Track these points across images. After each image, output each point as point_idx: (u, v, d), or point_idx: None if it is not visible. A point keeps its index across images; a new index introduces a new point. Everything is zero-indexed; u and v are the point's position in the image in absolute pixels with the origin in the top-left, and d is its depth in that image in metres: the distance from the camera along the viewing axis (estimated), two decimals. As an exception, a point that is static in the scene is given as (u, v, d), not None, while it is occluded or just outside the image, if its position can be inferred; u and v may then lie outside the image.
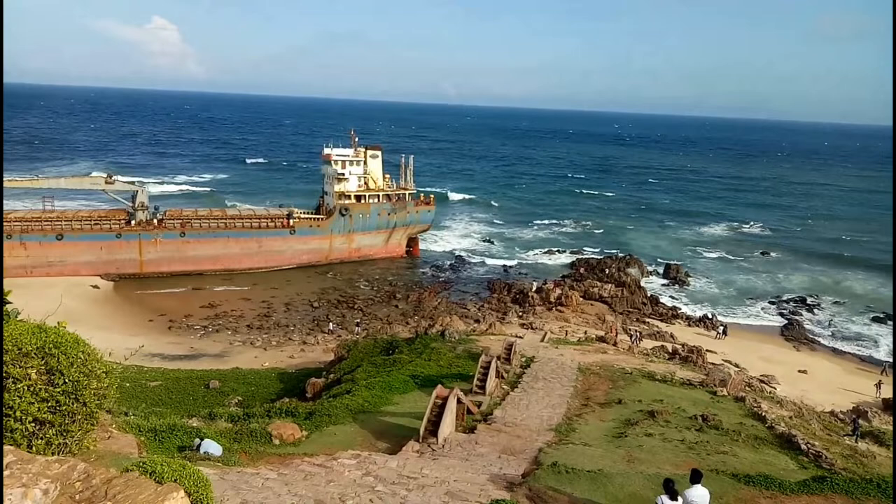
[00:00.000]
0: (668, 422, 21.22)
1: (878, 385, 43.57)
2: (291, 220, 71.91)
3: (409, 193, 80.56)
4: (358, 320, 56.17)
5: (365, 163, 78.06)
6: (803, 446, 19.41)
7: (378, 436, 19.24)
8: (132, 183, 71.27)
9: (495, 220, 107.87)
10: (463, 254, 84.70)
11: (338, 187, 75.25)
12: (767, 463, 17.94)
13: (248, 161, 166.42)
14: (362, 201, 76.56)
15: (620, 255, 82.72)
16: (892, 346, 54.50)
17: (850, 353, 55.62)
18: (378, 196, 77.86)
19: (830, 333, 60.18)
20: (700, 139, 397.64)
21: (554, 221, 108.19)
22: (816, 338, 58.60)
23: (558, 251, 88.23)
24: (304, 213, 75.10)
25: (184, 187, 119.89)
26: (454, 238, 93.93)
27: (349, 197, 75.80)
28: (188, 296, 62.30)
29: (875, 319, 63.90)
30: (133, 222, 65.60)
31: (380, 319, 57.60)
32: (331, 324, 55.55)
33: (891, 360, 52.07)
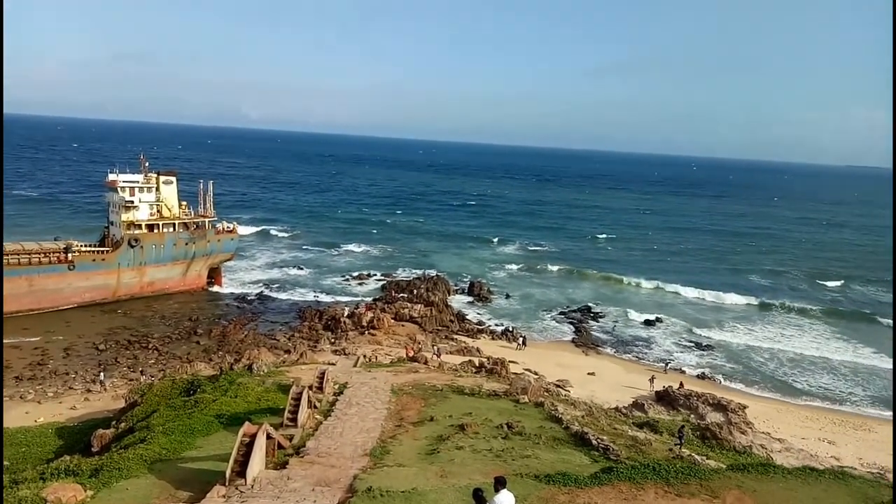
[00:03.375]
0: (476, 433, 22.22)
1: (651, 380, 49.73)
2: (70, 255, 64.04)
3: (210, 221, 76.02)
4: (142, 369, 50.10)
5: (157, 189, 72.29)
6: (594, 441, 21.47)
7: (179, 485, 17.65)
8: None
9: (305, 247, 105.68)
10: (271, 283, 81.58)
11: (126, 216, 68.71)
12: (565, 461, 19.53)
13: (13, 192, 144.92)
14: (155, 231, 70.61)
15: (429, 275, 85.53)
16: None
17: (627, 354, 62.79)
18: (174, 225, 72.34)
19: (612, 338, 67.53)
20: (498, 166, 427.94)
21: (365, 248, 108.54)
22: (601, 343, 65.35)
23: (369, 275, 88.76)
24: (85, 245, 67.32)
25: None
26: (261, 268, 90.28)
27: (140, 226, 69.51)
28: (-66, 348, 52.38)
29: (646, 323, 72.95)
30: None
31: (178, 358, 53.16)
32: (101, 373, 47.82)
33: (669, 361, 59.42)
